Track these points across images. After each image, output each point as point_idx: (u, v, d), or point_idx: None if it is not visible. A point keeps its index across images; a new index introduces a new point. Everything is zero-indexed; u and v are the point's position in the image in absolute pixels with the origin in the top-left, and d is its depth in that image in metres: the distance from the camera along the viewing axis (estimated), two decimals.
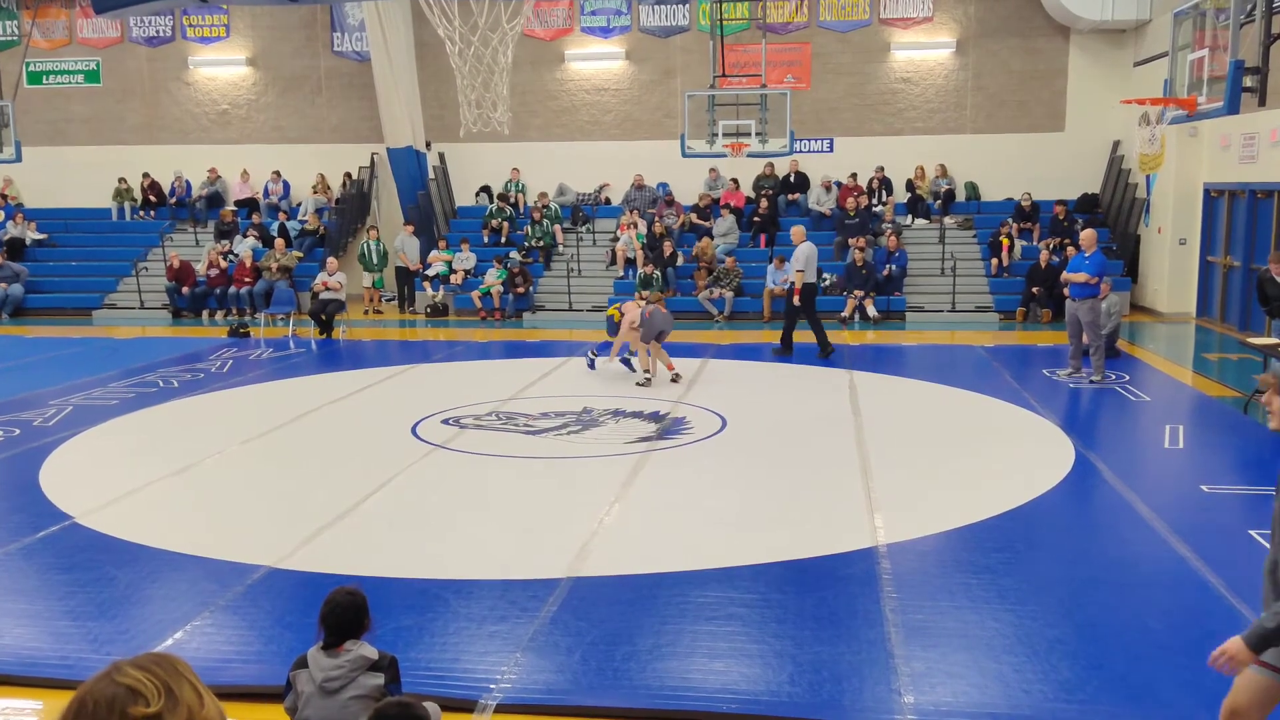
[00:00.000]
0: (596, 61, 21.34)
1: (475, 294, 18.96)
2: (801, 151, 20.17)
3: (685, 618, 5.58)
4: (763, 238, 19.82)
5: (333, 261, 17.61)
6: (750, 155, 17.78)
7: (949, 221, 19.96)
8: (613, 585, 6.07)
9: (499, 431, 10.02)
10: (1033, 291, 17.61)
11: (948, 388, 12.00)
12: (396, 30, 20.17)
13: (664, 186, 21.16)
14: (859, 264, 17.94)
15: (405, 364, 14.16)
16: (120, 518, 7.38)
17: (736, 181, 20.90)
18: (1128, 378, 12.24)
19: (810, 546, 6.68)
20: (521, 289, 19.03)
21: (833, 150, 20.92)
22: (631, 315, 12.24)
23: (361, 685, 3.77)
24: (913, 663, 5.02)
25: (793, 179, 20.81)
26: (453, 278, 19.52)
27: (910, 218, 20.19)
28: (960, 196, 20.65)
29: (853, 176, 20.52)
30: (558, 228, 20.57)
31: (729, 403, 11.12)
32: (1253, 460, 8.83)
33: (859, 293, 17.83)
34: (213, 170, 22.31)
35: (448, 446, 9.46)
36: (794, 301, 14.10)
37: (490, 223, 20.81)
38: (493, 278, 19.05)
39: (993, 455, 9.06)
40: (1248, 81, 9.97)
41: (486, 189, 21.99)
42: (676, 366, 12.54)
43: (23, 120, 18.74)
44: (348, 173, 21.86)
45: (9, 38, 22.57)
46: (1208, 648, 3.60)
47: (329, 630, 3.83)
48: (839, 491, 7.96)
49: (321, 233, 20.76)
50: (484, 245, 20.38)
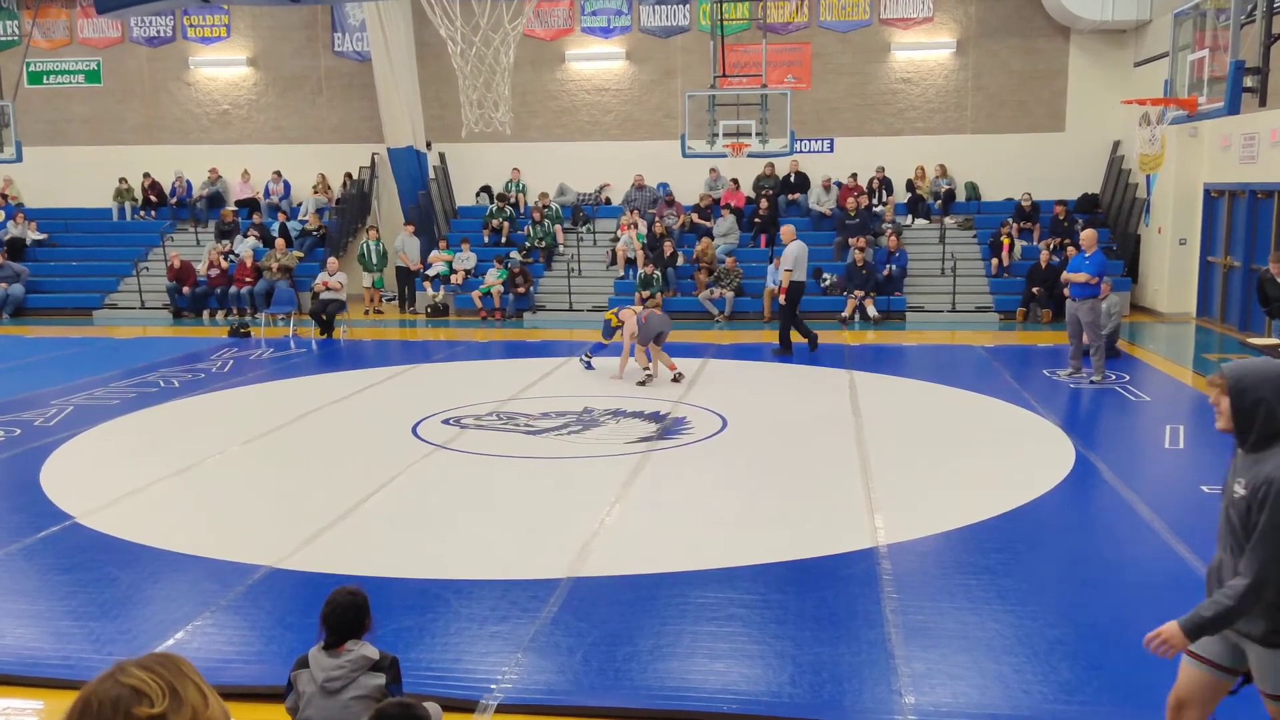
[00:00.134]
0: (597, 62, 21.34)
1: (476, 294, 18.95)
2: (802, 151, 20.18)
3: (686, 618, 5.59)
4: (763, 238, 19.81)
5: (333, 261, 17.61)
6: (750, 155, 17.80)
7: (949, 221, 19.95)
8: (613, 585, 6.08)
9: (500, 432, 10.03)
10: (1033, 292, 17.60)
11: (948, 388, 12.01)
12: (397, 30, 20.17)
13: (664, 187, 21.15)
14: (859, 264, 17.94)
15: (406, 364, 14.17)
16: (121, 518, 7.39)
17: (737, 182, 20.91)
18: (1128, 378, 12.24)
19: (810, 547, 6.69)
20: (522, 289, 19.02)
21: (833, 150, 20.92)
22: (630, 326, 12.27)
23: (362, 685, 3.77)
24: (913, 663, 5.02)
25: (793, 179, 20.81)
26: (453, 278, 19.51)
27: (910, 218, 20.19)
28: (960, 196, 20.64)
29: (853, 176, 20.52)
30: (558, 228, 20.57)
31: (729, 403, 11.13)
32: None
33: (859, 293, 17.83)
34: (213, 170, 22.31)
35: (448, 447, 9.47)
36: (781, 300, 14.15)
37: (491, 223, 20.81)
38: (493, 278, 19.04)
39: (993, 456, 9.06)
40: (1248, 82, 9.98)
41: (487, 189, 21.99)
42: (678, 367, 12.55)
43: (23, 120, 18.75)
44: (348, 173, 21.86)
45: (9, 38, 22.57)
46: None
47: (330, 630, 3.84)
48: (839, 492, 7.97)
49: (322, 233, 20.76)
50: (484, 245, 20.38)
